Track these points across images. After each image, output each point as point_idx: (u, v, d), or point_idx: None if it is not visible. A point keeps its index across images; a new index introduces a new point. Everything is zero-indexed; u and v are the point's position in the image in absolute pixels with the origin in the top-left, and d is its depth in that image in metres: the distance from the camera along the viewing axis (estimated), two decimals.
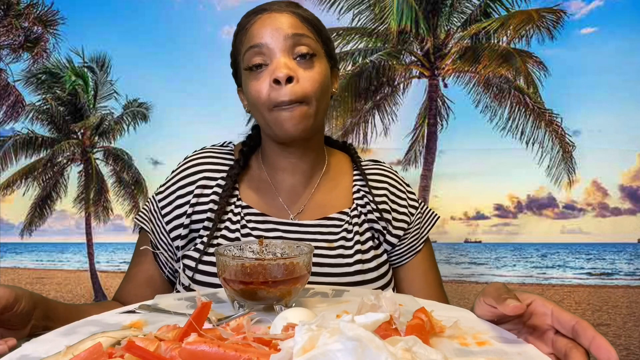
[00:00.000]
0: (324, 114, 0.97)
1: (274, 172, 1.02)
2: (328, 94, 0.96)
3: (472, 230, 13.33)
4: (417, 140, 9.13)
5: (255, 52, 0.91)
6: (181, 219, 0.97)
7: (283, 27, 0.91)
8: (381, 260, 1.00)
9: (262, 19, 0.92)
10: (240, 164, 1.01)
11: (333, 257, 0.96)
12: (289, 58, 0.90)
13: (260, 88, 0.90)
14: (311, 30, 0.94)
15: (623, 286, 11.31)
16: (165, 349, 0.47)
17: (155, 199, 1.02)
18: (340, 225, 0.99)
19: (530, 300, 0.60)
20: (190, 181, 0.99)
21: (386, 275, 0.99)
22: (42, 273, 13.30)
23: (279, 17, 0.92)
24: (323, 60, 0.95)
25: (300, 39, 0.91)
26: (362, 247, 0.98)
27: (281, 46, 0.90)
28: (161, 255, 1.01)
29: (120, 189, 10.31)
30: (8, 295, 0.68)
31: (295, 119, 0.89)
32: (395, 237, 1.02)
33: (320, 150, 1.04)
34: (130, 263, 1.05)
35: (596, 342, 0.51)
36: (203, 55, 9.68)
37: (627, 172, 10.72)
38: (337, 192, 1.04)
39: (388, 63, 8.49)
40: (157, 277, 1.02)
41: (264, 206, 1.00)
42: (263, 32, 0.91)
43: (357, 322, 0.43)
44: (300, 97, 0.89)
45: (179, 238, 0.98)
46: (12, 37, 8.89)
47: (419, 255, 1.06)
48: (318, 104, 0.92)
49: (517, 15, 8.09)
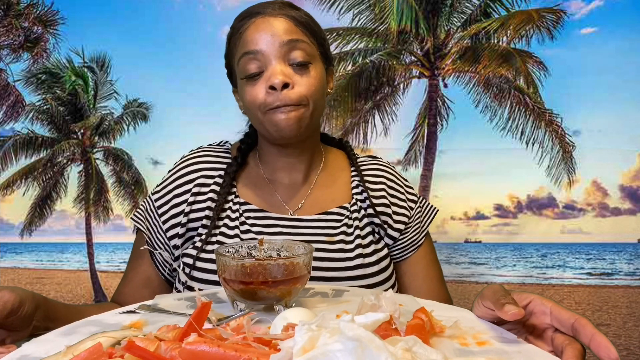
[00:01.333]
0: (320, 114, 0.98)
1: (271, 171, 1.03)
2: (324, 95, 0.97)
3: (472, 230, 13.33)
4: (417, 140, 9.13)
5: (251, 59, 0.91)
6: (178, 218, 0.97)
7: (278, 32, 0.90)
8: (382, 254, 1.00)
9: (257, 24, 0.91)
10: (238, 161, 1.01)
11: (333, 252, 0.96)
12: (284, 64, 0.90)
13: (256, 93, 0.91)
14: (306, 34, 0.93)
15: (623, 286, 11.31)
16: (165, 349, 0.47)
17: (151, 198, 1.01)
18: (340, 220, 0.99)
19: (528, 300, 0.60)
20: (187, 180, 0.99)
21: (387, 269, 0.99)
22: (42, 273, 13.29)
23: (273, 22, 0.91)
24: (319, 63, 0.95)
25: (296, 44, 0.90)
26: (362, 242, 0.98)
27: (276, 53, 0.90)
28: (158, 255, 1.01)
29: (120, 189, 10.31)
30: (14, 300, 0.67)
31: (291, 120, 0.90)
32: (397, 231, 1.03)
33: (317, 148, 1.05)
34: (128, 264, 1.05)
35: (596, 340, 0.51)
36: (203, 55, 9.66)
37: (627, 172, 10.72)
38: (335, 187, 1.04)
39: (388, 63, 8.49)
40: (154, 277, 1.02)
41: (262, 202, 1.00)
42: (258, 38, 0.90)
43: (357, 322, 0.43)
44: (296, 101, 0.89)
45: (176, 237, 0.97)
46: (12, 37, 8.89)
47: (420, 249, 1.06)
48: (314, 105, 0.92)
49: (517, 15, 8.09)
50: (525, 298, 0.60)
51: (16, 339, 0.71)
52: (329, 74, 1.01)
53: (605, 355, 0.50)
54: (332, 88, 1.03)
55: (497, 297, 0.59)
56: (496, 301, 0.58)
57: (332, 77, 1.03)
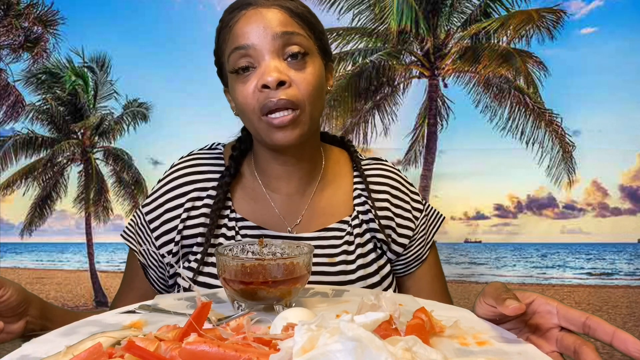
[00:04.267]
0: (319, 115, 0.90)
1: (267, 180, 0.96)
2: (323, 93, 0.89)
3: (472, 230, 13.33)
4: (417, 140, 9.12)
5: (241, 54, 0.83)
6: (171, 234, 0.92)
7: (271, 25, 0.82)
8: (384, 272, 0.96)
9: (247, 16, 0.83)
10: (231, 172, 0.94)
11: (334, 275, 0.91)
12: (279, 60, 0.82)
13: (248, 93, 0.83)
14: (302, 26, 0.85)
15: (623, 286, 11.31)
16: (165, 349, 0.47)
17: (142, 212, 0.95)
18: (341, 237, 0.94)
19: (531, 299, 0.59)
20: (179, 193, 0.92)
21: (390, 288, 0.96)
22: (42, 273, 13.29)
23: (265, 13, 0.83)
24: (316, 58, 0.87)
25: (291, 37, 0.82)
26: (364, 261, 0.94)
27: (270, 47, 0.82)
28: (152, 272, 0.97)
29: (120, 189, 10.31)
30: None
31: (287, 127, 0.82)
32: (401, 245, 0.97)
33: (316, 151, 0.98)
34: (122, 280, 1.02)
35: (620, 336, 0.51)
36: (203, 55, 9.62)
37: (627, 172, 10.71)
38: (336, 198, 0.98)
39: (388, 63, 8.49)
40: (150, 293, 0.97)
41: (259, 218, 0.94)
42: (249, 32, 0.82)
43: (357, 322, 0.43)
44: (292, 103, 0.82)
45: (170, 254, 0.93)
46: (12, 37, 8.89)
47: (425, 263, 1.02)
48: (312, 108, 0.85)
49: (517, 15, 8.09)
50: (529, 297, 0.60)
51: (9, 332, 0.72)
52: (328, 71, 0.93)
53: (635, 350, 0.49)
54: (332, 86, 0.95)
55: (499, 293, 0.59)
56: (497, 297, 0.58)
57: (331, 74, 0.95)
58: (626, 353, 0.50)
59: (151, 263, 0.96)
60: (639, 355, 0.49)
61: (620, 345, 0.50)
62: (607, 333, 0.52)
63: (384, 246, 0.97)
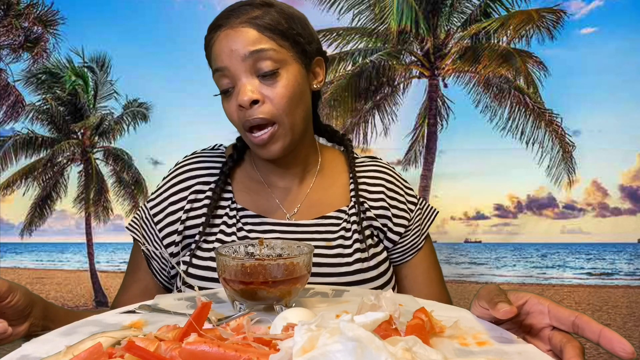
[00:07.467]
0: (303, 121, 0.93)
1: (266, 174, 1.01)
2: (302, 101, 0.91)
3: (472, 230, 13.35)
4: (417, 140, 9.14)
5: (221, 76, 0.89)
6: (175, 226, 0.96)
7: (239, 47, 0.85)
8: (381, 258, 0.99)
9: (220, 39, 0.88)
10: (234, 158, 1.00)
11: (332, 257, 0.95)
12: (252, 78, 0.87)
13: (232, 111, 0.90)
14: (273, 38, 0.87)
15: (623, 286, 11.32)
16: (165, 349, 0.47)
17: (146, 206, 0.99)
18: (338, 224, 0.98)
19: (524, 300, 0.60)
20: (183, 187, 0.97)
21: (386, 273, 0.99)
22: (42, 273, 13.31)
23: (233, 36, 0.86)
24: (291, 65, 0.89)
25: (260, 54, 0.85)
26: (361, 246, 0.97)
27: (242, 67, 0.86)
28: (155, 264, 1.00)
29: (120, 189, 10.32)
30: (1, 285, 0.68)
31: (267, 144, 0.88)
32: (397, 234, 1.01)
33: (311, 149, 1.02)
34: (125, 274, 1.04)
35: (605, 335, 0.51)
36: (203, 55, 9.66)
37: (627, 172, 10.73)
38: (333, 190, 1.03)
39: (388, 63, 8.49)
40: (152, 286, 1.01)
41: (259, 207, 0.99)
42: (222, 55, 0.87)
43: (357, 322, 0.43)
44: (268, 120, 0.87)
45: (173, 245, 0.96)
46: (12, 37, 8.89)
47: (420, 252, 1.05)
48: (290, 118, 0.89)
49: (517, 15, 8.10)
50: (522, 297, 0.60)
51: (13, 334, 0.72)
52: (313, 70, 0.96)
53: (620, 349, 0.49)
54: (322, 81, 0.97)
55: (492, 297, 0.59)
56: (490, 300, 0.58)
57: (320, 70, 0.97)
58: (612, 352, 0.50)
59: (154, 254, 0.99)
60: (624, 354, 0.49)
61: (606, 344, 0.50)
62: (594, 332, 0.52)
63: (380, 234, 1.01)
